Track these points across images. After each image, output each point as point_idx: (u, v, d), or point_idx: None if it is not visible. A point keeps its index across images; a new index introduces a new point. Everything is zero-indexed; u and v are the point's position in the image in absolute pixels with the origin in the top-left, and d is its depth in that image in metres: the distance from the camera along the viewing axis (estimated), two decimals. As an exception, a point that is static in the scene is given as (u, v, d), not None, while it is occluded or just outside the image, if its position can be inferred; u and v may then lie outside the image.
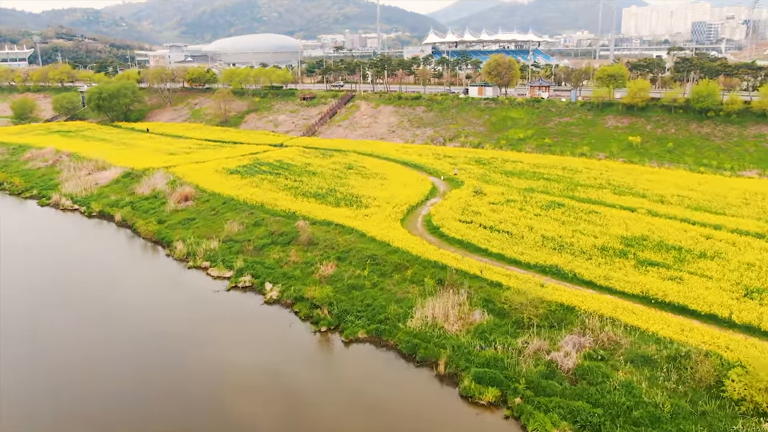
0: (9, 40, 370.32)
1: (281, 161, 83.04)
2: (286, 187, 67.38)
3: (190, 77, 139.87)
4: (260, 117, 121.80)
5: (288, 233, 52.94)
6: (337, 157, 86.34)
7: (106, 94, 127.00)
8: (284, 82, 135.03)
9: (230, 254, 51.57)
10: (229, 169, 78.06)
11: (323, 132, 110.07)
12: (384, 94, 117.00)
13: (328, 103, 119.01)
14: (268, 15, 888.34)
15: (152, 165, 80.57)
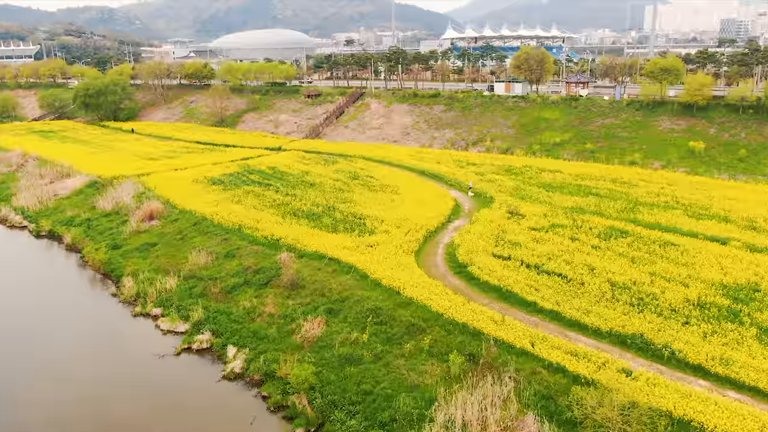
0: (17, 36, 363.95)
1: (275, 169, 70.45)
2: (274, 203, 54.67)
3: (186, 73, 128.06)
4: (260, 116, 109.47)
5: (267, 270, 40.20)
6: (342, 163, 73.58)
7: (93, 91, 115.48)
8: (288, 79, 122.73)
9: (189, 298, 38.98)
10: (212, 178, 65.62)
11: (328, 134, 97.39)
12: (398, 91, 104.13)
13: (335, 102, 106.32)
14: (282, 13, 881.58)
15: (124, 172, 68.41)
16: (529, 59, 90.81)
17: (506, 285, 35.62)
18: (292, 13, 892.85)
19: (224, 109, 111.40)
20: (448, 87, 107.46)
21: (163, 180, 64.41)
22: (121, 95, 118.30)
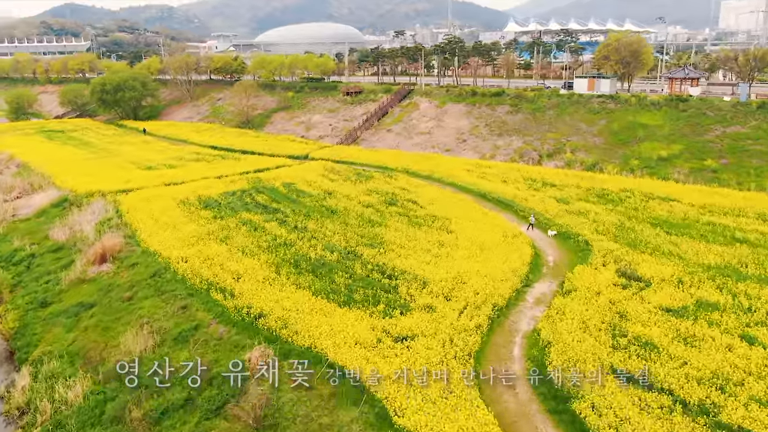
0: (72, 33, 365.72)
1: (291, 186, 54.65)
2: (272, 243, 38.55)
3: (215, 67, 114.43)
4: (290, 117, 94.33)
5: (225, 380, 24.03)
6: (378, 180, 57.10)
7: (110, 87, 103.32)
8: (325, 74, 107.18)
9: (92, 428, 23.39)
10: (207, 198, 50.39)
11: (367, 139, 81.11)
12: (452, 88, 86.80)
13: (378, 100, 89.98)
14: (338, 11, 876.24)
15: (103, 187, 54.15)
16: (620, 49, 71.80)
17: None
18: (348, 11, 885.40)
19: (252, 108, 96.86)
20: (513, 84, 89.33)
21: (142, 200, 49.54)
22: (141, 91, 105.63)
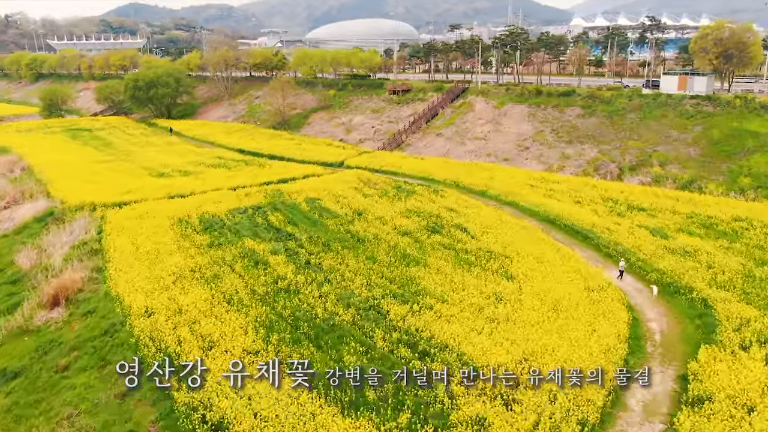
0: (130, 31, 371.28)
1: (315, 203, 45.17)
2: (270, 290, 28.97)
3: (255, 62, 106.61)
4: (330, 117, 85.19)
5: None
6: (421, 196, 46.92)
7: (143, 83, 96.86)
8: (371, 70, 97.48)
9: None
10: (211, 217, 41.55)
11: (413, 143, 70.93)
12: (513, 87, 75.54)
13: (428, 100, 79.65)
14: (394, 10, 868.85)
15: (97, 198, 46.21)
16: (723, 40, 58.96)
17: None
18: (404, 9, 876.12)
19: (290, 107, 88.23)
20: (584, 82, 77.23)
21: (134, 218, 41.07)
22: (175, 88, 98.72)
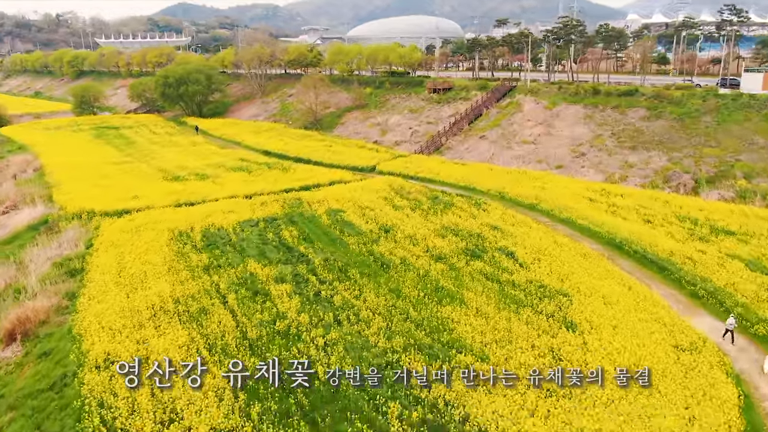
0: (175, 29, 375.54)
1: (338, 215, 39.33)
2: (264, 332, 23.13)
3: (289, 59, 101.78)
4: (365, 117, 79.39)
5: None
6: (460, 209, 40.48)
7: (173, 80, 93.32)
8: (410, 67, 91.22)
9: None
10: (216, 231, 36.25)
11: (454, 147, 64.39)
12: (566, 85, 68.09)
13: (471, 99, 72.96)
14: (440, 9, 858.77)
15: (98, 205, 41.65)
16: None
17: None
18: (450, 8, 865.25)
19: (324, 106, 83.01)
20: (648, 81, 69.07)
21: (130, 230, 36.06)
22: (206, 85, 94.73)
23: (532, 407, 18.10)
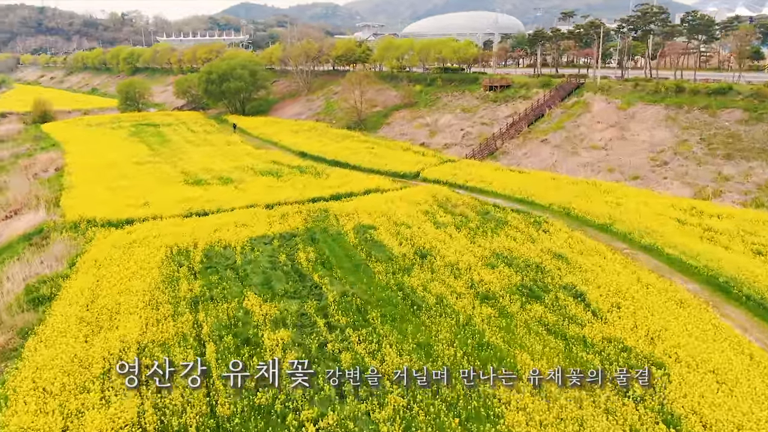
0: (233, 28, 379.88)
1: (367, 233, 33.01)
2: (239, 408, 17.20)
3: (337, 54, 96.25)
4: (413, 117, 72.75)
5: None
6: (515, 229, 33.40)
7: (215, 76, 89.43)
8: (465, 62, 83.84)
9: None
10: (221, 249, 30.71)
11: (510, 152, 56.93)
12: (644, 82, 59.36)
13: (531, 98, 65.19)
14: (501, 6, 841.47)
15: (103, 213, 36.98)
16: None
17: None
18: (512, 6, 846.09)
19: (370, 104, 76.95)
20: (743, 78, 59.39)
21: (123, 246, 30.90)
22: (249, 81, 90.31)
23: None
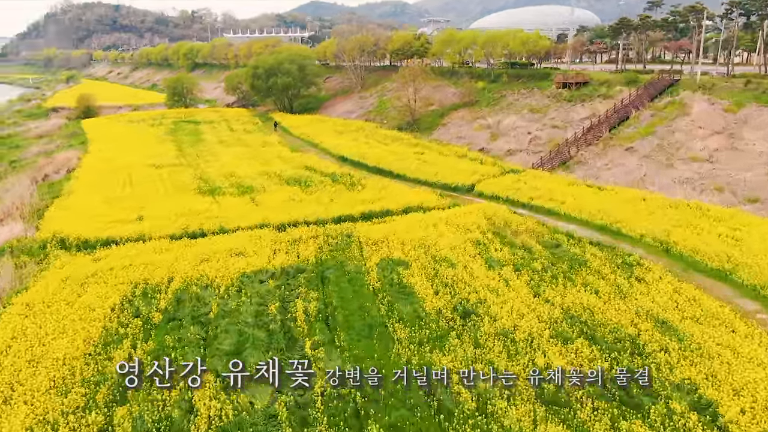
0: (300, 25, 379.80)
1: (396, 269, 24.82)
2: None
3: (394, 48, 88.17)
4: (473, 117, 63.77)
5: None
6: (598, 274, 24.34)
7: (262, 71, 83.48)
8: (535, 56, 73.85)
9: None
10: (198, 290, 23.26)
11: (587, 161, 47.15)
12: (756, 80, 48.13)
13: (614, 97, 54.98)
14: (578, 4, 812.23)
15: (72, 231, 30.66)
16: None
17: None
18: (587, 3, 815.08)
19: (426, 102, 68.66)
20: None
21: (78, 279, 24.11)
22: (298, 77, 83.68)
23: None
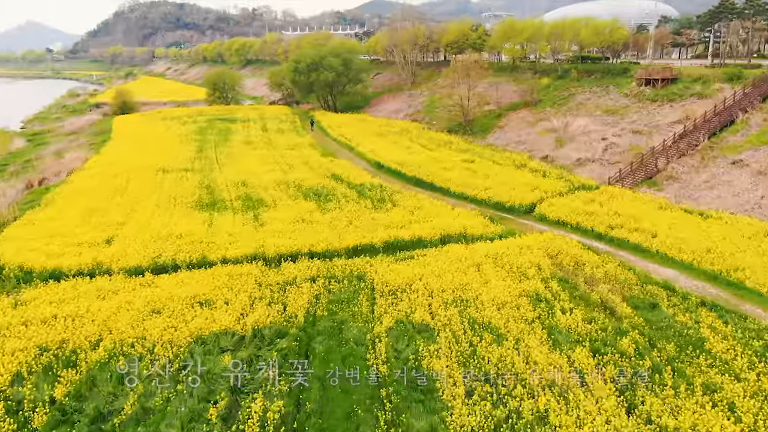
0: (359, 22, 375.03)
1: (414, 343, 16.95)
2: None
3: (448, 41, 79.60)
4: (536, 119, 54.76)
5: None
6: (724, 364, 15.70)
7: (304, 65, 76.92)
8: (610, 48, 63.79)
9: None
10: (123, 361, 16.07)
11: (682, 177, 37.60)
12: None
13: (711, 96, 44.94)
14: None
15: (26, 259, 24.40)
16: None
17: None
18: (664, 1, 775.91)
19: (481, 101, 60.03)
20: None
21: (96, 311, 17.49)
22: (342, 72, 76.58)
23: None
